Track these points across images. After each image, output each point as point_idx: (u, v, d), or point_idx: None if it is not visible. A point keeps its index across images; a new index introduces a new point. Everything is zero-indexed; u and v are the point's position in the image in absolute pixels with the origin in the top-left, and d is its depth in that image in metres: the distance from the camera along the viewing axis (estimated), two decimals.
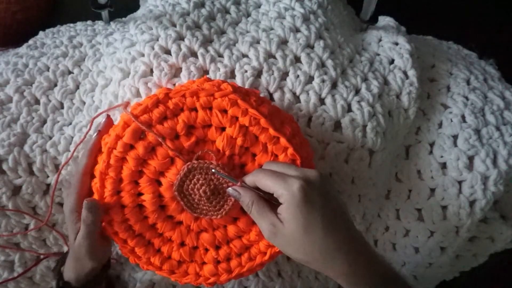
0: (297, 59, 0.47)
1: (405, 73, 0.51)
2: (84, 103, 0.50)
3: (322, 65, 0.48)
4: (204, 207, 0.39)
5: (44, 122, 0.49)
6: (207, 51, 0.46)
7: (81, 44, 0.54)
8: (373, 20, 0.56)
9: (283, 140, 0.38)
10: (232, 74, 0.46)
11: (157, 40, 0.47)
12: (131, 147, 0.38)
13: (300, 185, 0.34)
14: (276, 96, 0.46)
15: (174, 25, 0.48)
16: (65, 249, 0.50)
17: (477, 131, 0.49)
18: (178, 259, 0.41)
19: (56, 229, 0.49)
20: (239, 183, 0.37)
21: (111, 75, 0.48)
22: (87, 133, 0.43)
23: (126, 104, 0.44)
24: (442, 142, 0.50)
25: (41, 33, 0.59)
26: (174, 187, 0.38)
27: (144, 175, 0.39)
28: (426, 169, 0.50)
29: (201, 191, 0.38)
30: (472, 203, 0.48)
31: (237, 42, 0.48)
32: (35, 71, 0.51)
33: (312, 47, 0.48)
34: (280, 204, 0.35)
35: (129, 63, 0.46)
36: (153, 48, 0.46)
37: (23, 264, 0.50)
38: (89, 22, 0.59)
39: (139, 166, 0.39)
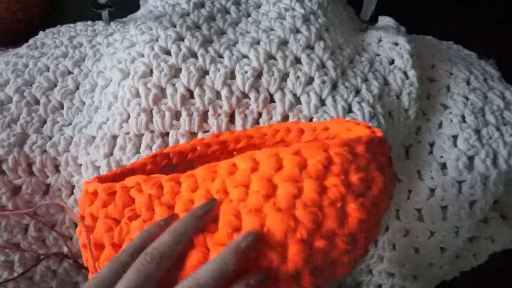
0: (297, 60, 0.47)
1: (405, 73, 0.51)
2: (84, 103, 0.50)
3: (322, 66, 0.48)
4: None
5: (44, 122, 0.49)
6: (207, 52, 0.46)
7: (81, 45, 0.54)
8: (373, 20, 0.56)
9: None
10: (232, 75, 0.46)
11: (157, 40, 0.47)
12: None
13: None
14: (277, 97, 0.46)
15: (174, 26, 0.48)
16: (65, 249, 0.50)
17: (477, 131, 0.49)
18: None
19: (56, 229, 0.49)
20: None
21: (111, 75, 0.48)
22: None
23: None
24: (442, 142, 0.50)
25: (41, 33, 0.58)
26: None
27: None
28: (426, 169, 0.50)
29: None
30: (472, 203, 0.48)
31: (237, 42, 0.48)
32: (35, 71, 0.51)
33: (312, 48, 0.48)
34: None
35: (129, 63, 0.46)
36: (153, 49, 0.46)
37: (23, 264, 0.50)
38: (89, 22, 0.59)
39: None
